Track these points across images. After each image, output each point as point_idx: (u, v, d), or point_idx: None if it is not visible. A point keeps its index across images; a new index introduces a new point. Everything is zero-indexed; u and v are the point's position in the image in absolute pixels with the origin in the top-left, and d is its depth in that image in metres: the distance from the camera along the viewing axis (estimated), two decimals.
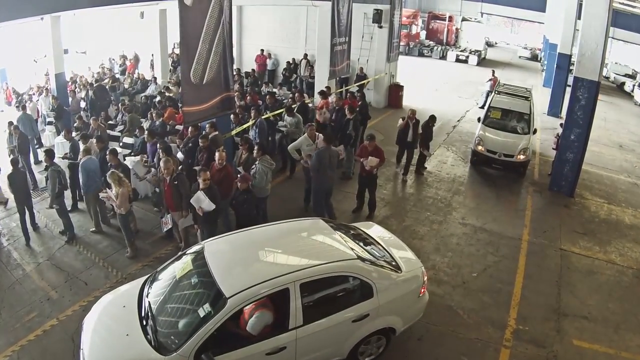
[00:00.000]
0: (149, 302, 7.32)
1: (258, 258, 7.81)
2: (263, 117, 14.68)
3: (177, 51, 26.22)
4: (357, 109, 15.25)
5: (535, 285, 10.41)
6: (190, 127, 12.66)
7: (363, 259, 7.60)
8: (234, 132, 13.77)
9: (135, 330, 6.90)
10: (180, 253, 8.32)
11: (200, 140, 12.04)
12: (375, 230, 9.47)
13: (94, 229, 12.23)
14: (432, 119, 15.63)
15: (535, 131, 16.72)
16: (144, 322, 7.00)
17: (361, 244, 8.33)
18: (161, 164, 10.51)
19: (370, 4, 21.33)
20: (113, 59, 27.16)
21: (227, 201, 10.61)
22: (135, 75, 23.77)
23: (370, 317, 7.46)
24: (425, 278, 8.25)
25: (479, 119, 17.45)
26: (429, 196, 14.03)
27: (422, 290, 8.15)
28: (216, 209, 9.73)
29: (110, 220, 12.45)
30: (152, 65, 24.29)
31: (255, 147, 11.26)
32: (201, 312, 6.68)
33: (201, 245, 7.98)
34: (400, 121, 14.99)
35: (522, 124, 16.70)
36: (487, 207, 13.89)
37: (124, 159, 13.12)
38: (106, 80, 21.80)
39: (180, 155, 12.63)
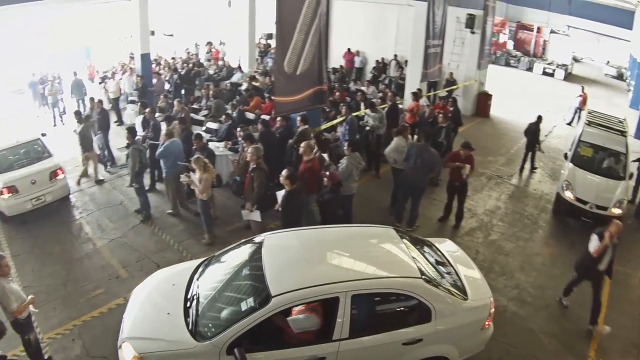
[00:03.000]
0: (197, 285, 7.30)
1: (314, 260, 7.36)
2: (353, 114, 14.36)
3: (263, 41, 26.30)
4: (449, 115, 14.71)
5: (617, 316, 9.67)
6: (278, 118, 12.38)
7: (427, 279, 6.97)
8: (323, 127, 13.43)
9: (177, 310, 6.91)
10: (242, 241, 8.11)
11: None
12: (449, 249, 8.76)
13: (170, 211, 12.25)
14: (540, 118, 15.89)
15: (631, 176, 13.63)
16: (188, 304, 6.99)
17: (430, 261, 7.71)
18: (250, 150, 10.20)
19: (464, 8, 20.63)
20: (198, 45, 27.37)
21: (313, 197, 10.26)
22: (221, 62, 23.93)
23: (424, 342, 6.83)
24: (492, 309, 7.51)
25: (565, 156, 14.43)
26: (517, 211, 13.41)
27: (487, 322, 7.42)
28: (299, 207, 9.42)
29: (188, 204, 12.32)
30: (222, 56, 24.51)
31: (345, 144, 10.98)
32: (243, 305, 6.53)
33: (263, 237, 7.72)
34: (596, 242, 8.90)
35: (617, 166, 13.61)
36: (573, 228, 13.05)
37: (207, 144, 12.93)
38: (190, 65, 21.94)
39: None
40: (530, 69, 38.02)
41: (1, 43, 22.59)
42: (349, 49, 25.10)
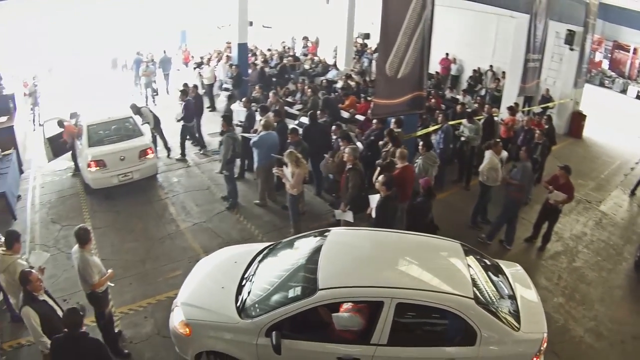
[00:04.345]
0: (257, 266, 7.64)
1: (370, 262, 7.36)
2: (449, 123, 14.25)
3: (360, 40, 26.36)
4: (544, 132, 14.32)
5: None
6: (374, 120, 12.40)
7: (480, 302, 6.61)
8: (419, 134, 13.34)
9: (231, 286, 7.32)
10: (311, 231, 8.34)
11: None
12: (515, 274, 8.20)
13: (258, 201, 12.40)
14: None
15: None
16: (243, 283, 7.37)
17: (490, 283, 7.38)
18: (347, 150, 10.26)
19: (565, 23, 20.03)
20: (295, 39, 27.84)
21: (405, 205, 10.18)
22: (317, 58, 24.17)
23: None
24: (544, 346, 6.99)
25: None
26: (602, 239, 12.91)
27: (536, 358, 6.82)
28: (392, 214, 9.37)
29: (276, 196, 12.47)
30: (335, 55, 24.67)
31: (420, 144, 11.10)
32: (291, 293, 6.79)
33: (329, 231, 7.93)
34: None
35: None
36: None
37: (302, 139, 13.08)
38: (280, 60, 22.30)
39: (359, 145, 12.43)
40: (624, 91, 36.59)
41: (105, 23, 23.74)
42: (446, 55, 24.71)
